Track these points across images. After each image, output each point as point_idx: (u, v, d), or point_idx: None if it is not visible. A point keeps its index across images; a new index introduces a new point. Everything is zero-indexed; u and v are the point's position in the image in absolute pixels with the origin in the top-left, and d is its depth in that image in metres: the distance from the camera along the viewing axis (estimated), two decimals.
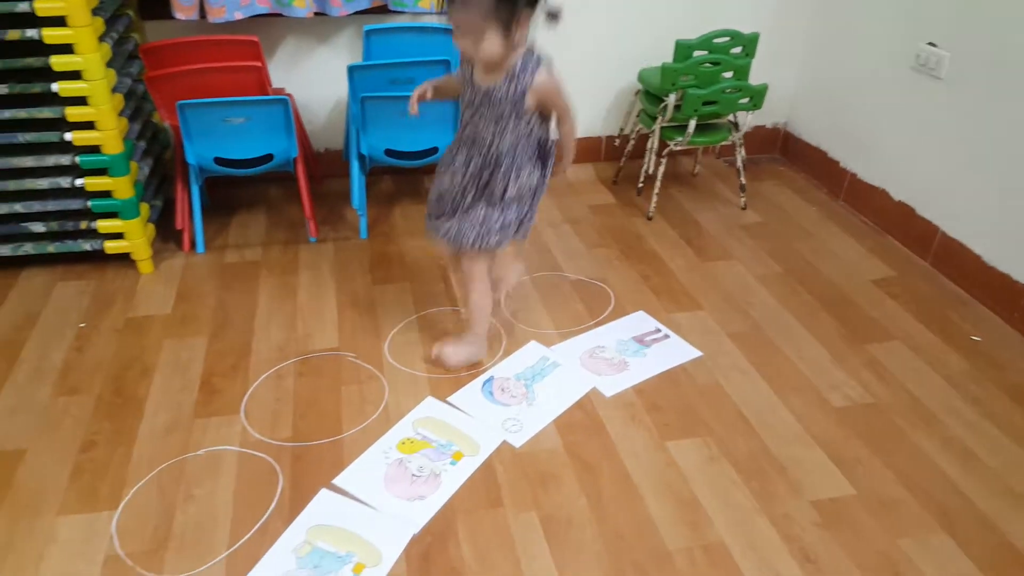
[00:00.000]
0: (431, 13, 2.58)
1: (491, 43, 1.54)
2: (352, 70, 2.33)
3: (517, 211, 1.79)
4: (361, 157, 2.46)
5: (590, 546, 1.51)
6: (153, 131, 2.55)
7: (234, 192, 2.80)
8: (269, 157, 2.35)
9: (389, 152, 2.41)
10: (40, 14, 1.90)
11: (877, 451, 1.76)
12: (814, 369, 2.01)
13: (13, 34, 1.93)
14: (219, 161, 2.31)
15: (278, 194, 2.82)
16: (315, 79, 2.74)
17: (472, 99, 1.69)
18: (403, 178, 2.97)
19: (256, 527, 1.52)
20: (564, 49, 2.84)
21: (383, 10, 2.56)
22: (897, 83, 2.56)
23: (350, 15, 2.53)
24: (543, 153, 1.77)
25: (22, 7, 1.90)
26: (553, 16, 1.59)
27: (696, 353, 2.05)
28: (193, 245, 2.45)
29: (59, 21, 1.93)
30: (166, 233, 2.49)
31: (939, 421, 1.85)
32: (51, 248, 2.24)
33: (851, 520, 1.59)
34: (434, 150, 2.43)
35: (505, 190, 1.74)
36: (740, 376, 1.98)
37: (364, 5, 2.51)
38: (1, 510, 1.55)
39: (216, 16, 2.38)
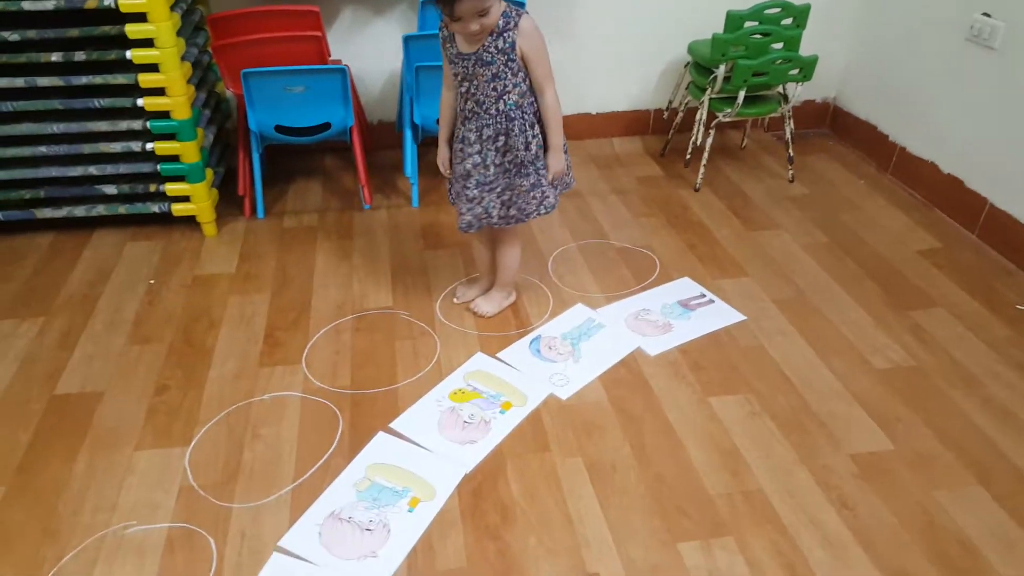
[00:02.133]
0: None
1: (496, 9, 1.58)
2: (407, 40, 2.40)
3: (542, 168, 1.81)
4: (414, 127, 2.53)
5: (634, 488, 1.58)
6: (216, 101, 2.67)
7: (292, 161, 2.91)
8: (327, 126, 2.44)
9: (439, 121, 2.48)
10: None
11: (917, 410, 1.79)
12: (857, 333, 2.04)
13: (91, 3, 2.04)
14: (279, 129, 2.41)
15: (333, 164, 2.93)
16: (369, 51, 2.82)
17: (465, 71, 1.69)
18: None
19: (319, 464, 1.62)
20: (614, 22, 2.91)
21: None
22: (949, 55, 2.54)
23: None
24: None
25: None
26: None
27: (740, 317, 2.09)
28: (254, 210, 2.56)
29: None
30: (228, 199, 2.60)
31: (979, 383, 1.87)
32: (122, 209, 2.37)
33: (889, 473, 1.63)
34: None
35: (527, 146, 1.76)
36: (783, 339, 2.02)
37: None
38: (83, 445, 1.67)
39: None
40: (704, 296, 2.18)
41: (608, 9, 2.87)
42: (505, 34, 1.63)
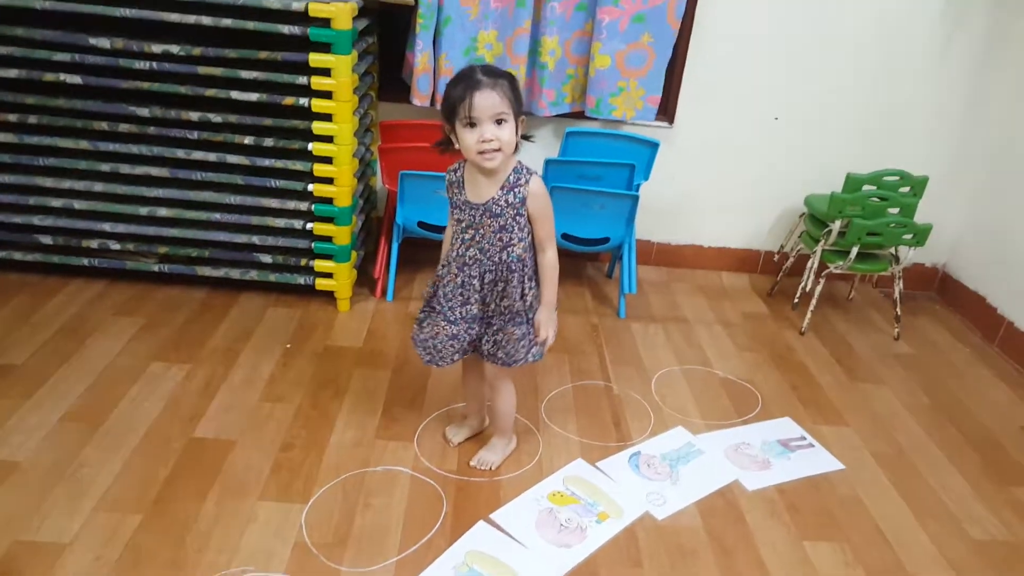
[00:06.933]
0: (622, 121, 2.88)
1: (510, 129, 1.58)
2: (548, 163, 2.64)
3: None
4: None
5: None
6: (368, 193, 2.96)
7: (424, 253, 3.11)
8: None
9: (566, 236, 2.68)
10: (315, 87, 2.33)
11: None
12: (955, 500, 2.03)
13: (288, 100, 2.37)
14: (422, 224, 2.66)
15: None
16: None
17: (472, 219, 1.70)
18: (570, 261, 3.22)
19: (422, 541, 1.73)
20: (738, 168, 3.10)
21: (580, 115, 2.90)
22: None
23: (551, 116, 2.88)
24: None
25: (301, 80, 2.33)
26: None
27: (839, 465, 2.12)
28: (384, 293, 2.79)
29: (325, 94, 2.35)
30: (361, 280, 2.84)
31: None
32: (272, 277, 2.63)
33: None
34: (606, 240, 2.69)
35: (523, 296, 1.75)
36: (880, 493, 2.03)
37: (565, 110, 2.87)
38: (213, 487, 1.83)
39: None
40: (804, 439, 2.22)
41: (735, 156, 3.07)
42: (516, 189, 1.65)
